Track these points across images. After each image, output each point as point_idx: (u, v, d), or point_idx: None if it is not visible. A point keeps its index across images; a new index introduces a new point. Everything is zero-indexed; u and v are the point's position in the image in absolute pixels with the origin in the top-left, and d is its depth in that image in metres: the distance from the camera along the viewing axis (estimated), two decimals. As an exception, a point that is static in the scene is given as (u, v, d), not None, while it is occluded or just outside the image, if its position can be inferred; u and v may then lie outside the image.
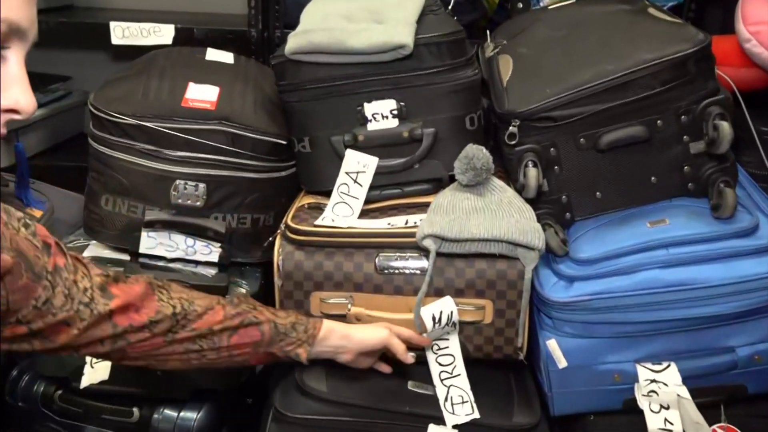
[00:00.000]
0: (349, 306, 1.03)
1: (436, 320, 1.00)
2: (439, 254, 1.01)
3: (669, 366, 1.06)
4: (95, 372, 1.08)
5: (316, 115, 1.10)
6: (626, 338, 1.06)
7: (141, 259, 1.11)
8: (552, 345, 1.07)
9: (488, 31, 1.35)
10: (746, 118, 1.14)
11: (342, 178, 1.10)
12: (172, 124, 1.07)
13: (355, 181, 1.10)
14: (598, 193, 1.10)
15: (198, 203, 1.09)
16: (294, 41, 1.05)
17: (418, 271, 1.03)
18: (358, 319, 1.03)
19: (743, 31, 1.24)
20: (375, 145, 1.10)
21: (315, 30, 1.04)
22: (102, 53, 1.83)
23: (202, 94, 1.10)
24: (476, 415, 1.01)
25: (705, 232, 1.03)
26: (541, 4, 1.46)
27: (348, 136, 1.09)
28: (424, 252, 1.01)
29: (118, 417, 1.15)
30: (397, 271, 1.03)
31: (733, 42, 1.27)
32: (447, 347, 1.05)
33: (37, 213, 1.29)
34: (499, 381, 1.14)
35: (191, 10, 1.76)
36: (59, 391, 1.17)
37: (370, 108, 1.08)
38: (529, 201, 1.07)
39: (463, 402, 1.01)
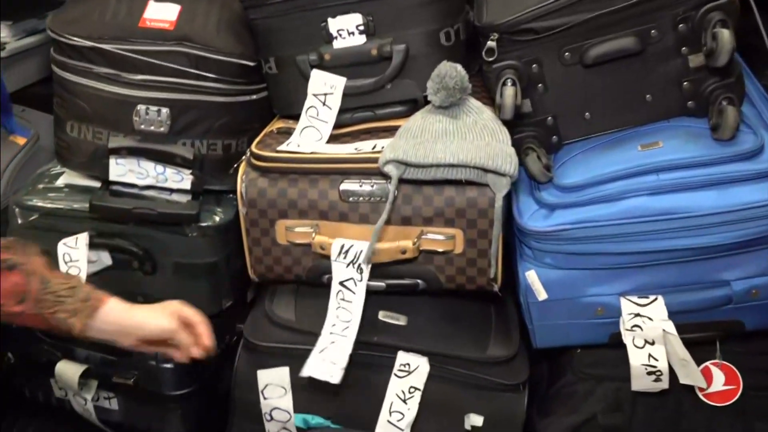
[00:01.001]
0: (314, 235, 1.00)
1: (343, 251, 0.96)
2: (405, 181, 0.95)
3: (655, 300, 1.00)
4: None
5: (280, 33, 1.03)
6: (610, 270, 1.00)
7: (113, 187, 1.10)
8: (531, 276, 1.02)
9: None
10: (758, 23, 1.01)
11: (310, 100, 1.04)
12: (130, 45, 1.02)
13: (324, 104, 1.04)
14: (586, 114, 1.01)
15: (162, 129, 1.06)
16: (252, -47, 0.97)
17: (384, 199, 0.98)
18: (323, 248, 0.99)
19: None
20: (342, 64, 1.03)
21: (272, -61, 0.96)
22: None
23: (161, 14, 1.05)
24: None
25: (700, 156, 0.94)
26: None
27: (313, 55, 1.02)
28: (390, 178, 0.95)
29: (103, 340, 1.17)
30: (362, 199, 0.98)
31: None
32: (351, 302, 0.99)
33: (21, 140, 1.29)
34: (478, 313, 1.10)
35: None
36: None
37: (334, 24, 1.00)
38: (509, 123, 0.99)
39: (332, 363, 0.95)
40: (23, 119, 1.34)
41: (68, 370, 1.17)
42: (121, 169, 1.09)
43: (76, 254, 1.07)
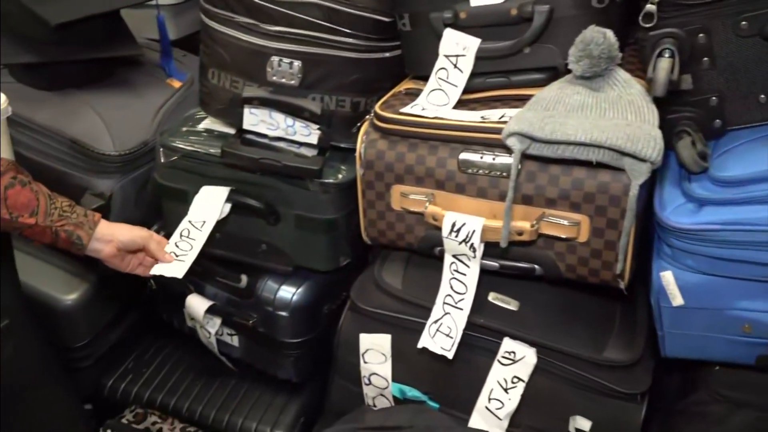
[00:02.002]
0: (427, 204, 0.95)
1: (455, 229, 0.90)
2: (530, 156, 0.87)
3: (819, 325, 0.84)
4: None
5: (416, -11, 0.98)
6: (763, 283, 0.85)
7: (245, 135, 1.13)
8: (667, 278, 0.90)
9: None
10: None
11: (441, 62, 0.98)
12: (269, -5, 1.02)
13: (455, 66, 0.98)
14: (762, 96, 0.86)
15: (293, 81, 1.06)
16: None
17: (505, 174, 0.90)
18: (435, 219, 0.95)
19: None
20: (478, 24, 0.95)
21: None
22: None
23: (300, -36, 1.03)
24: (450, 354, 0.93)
25: None
26: None
27: (448, 13, 0.96)
28: (513, 152, 0.88)
29: (229, 281, 1.24)
30: (481, 171, 0.92)
31: None
32: (465, 274, 0.94)
33: (176, 83, 1.37)
34: (599, 310, 1.00)
35: None
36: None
37: (474, -21, 0.93)
38: (662, 102, 0.86)
39: (447, 335, 0.94)
40: (183, 64, 1.42)
41: (196, 304, 1.24)
42: (253, 119, 1.11)
43: (213, 203, 1.13)
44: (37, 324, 1.06)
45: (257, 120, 1.11)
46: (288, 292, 1.20)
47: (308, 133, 1.10)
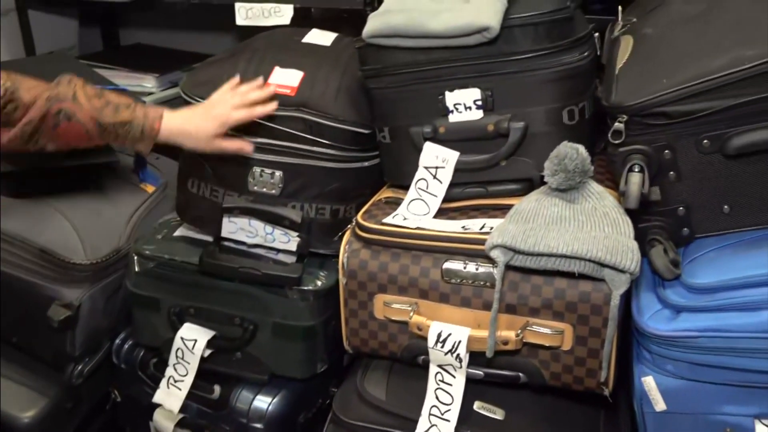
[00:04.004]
0: (412, 314, 0.95)
1: (441, 340, 0.91)
2: (512, 267, 0.89)
3: (799, 428, 0.86)
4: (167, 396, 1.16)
5: (396, 104, 1.02)
6: (743, 387, 0.87)
7: (224, 243, 1.12)
8: (648, 383, 0.91)
9: (620, 7, 1.16)
10: None
11: (420, 172, 1.02)
12: (252, 109, 1.05)
13: (434, 177, 1.01)
14: (725, 207, 0.91)
15: (274, 191, 1.07)
16: (372, 23, 0.97)
17: (488, 283, 0.92)
18: (420, 329, 0.95)
19: None
20: (456, 138, 0.99)
21: (394, 11, 0.96)
22: (232, 33, 1.88)
23: (284, 79, 1.07)
24: None
25: None
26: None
27: (428, 128, 1.00)
28: (496, 264, 0.90)
29: (200, 392, 1.19)
30: (464, 281, 0.93)
31: None
32: (451, 384, 0.94)
33: (150, 188, 1.37)
34: (584, 417, 1.00)
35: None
36: (155, 359, 1.24)
37: (451, 97, 0.98)
38: (633, 211, 0.90)
39: None
40: (156, 168, 1.42)
41: (165, 417, 1.19)
42: (232, 227, 1.11)
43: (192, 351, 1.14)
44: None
45: (236, 228, 1.11)
46: (263, 402, 1.17)
47: (287, 240, 1.11)
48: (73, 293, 1.18)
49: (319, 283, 1.11)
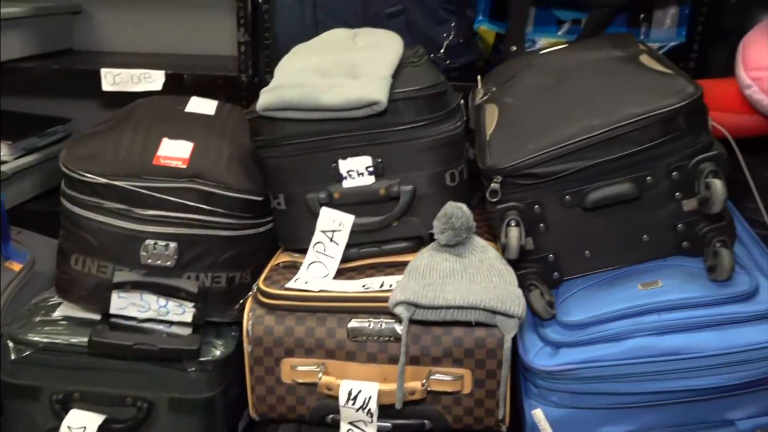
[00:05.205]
0: (320, 375, 0.98)
1: (352, 397, 0.95)
2: (413, 321, 0.96)
3: (663, 440, 0.99)
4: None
5: (291, 172, 1.06)
6: (618, 409, 0.99)
7: (112, 319, 1.08)
8: (538, 415, 1.01)
9: (479, 76, 1.31)
10: (742, 165, 1.08)
11: (317, 236, 1.06)
12: (143, 182, 1.04)
13: (331, 240, 1.06)
14: (586, 252, 1.05)
15: (169, 263, 1.06)
16: (265, 97, 1.02)
17: (392, 338, 0.98)
18: (330, 389, 0.98)
19: (744, 76, 1.18)
20: (351, 202, 1.05)
21: (287, 86, 1.01)
22: (98, 98, 1.83)
23: (174, 151, 1.07)
24: None
25: (699, 296, 0.97)
26: (537, 46, 1.42)
27: (323, 194, 1.05)
28: (399, 318, 0.96)
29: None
30: (370, 338, 0.98)
31: (734, 87, 1.21)
32: None
33: (17, 267, 1.28)
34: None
35: (185, 52, 1.75)
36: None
37: (345, 165, 1.04)
38: (512, 262, 1.01)
39: None
40: (19, 243, 1.33)
41: None
42: (122, 303, 1.07)
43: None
44: None
45: (126, 303, 1.08)
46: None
47: (182, 312, 1.09)
48: (-67, 390, 1.07)
49: (217, 352, 1.10)
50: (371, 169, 1.04)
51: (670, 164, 0.98)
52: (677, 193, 0.99)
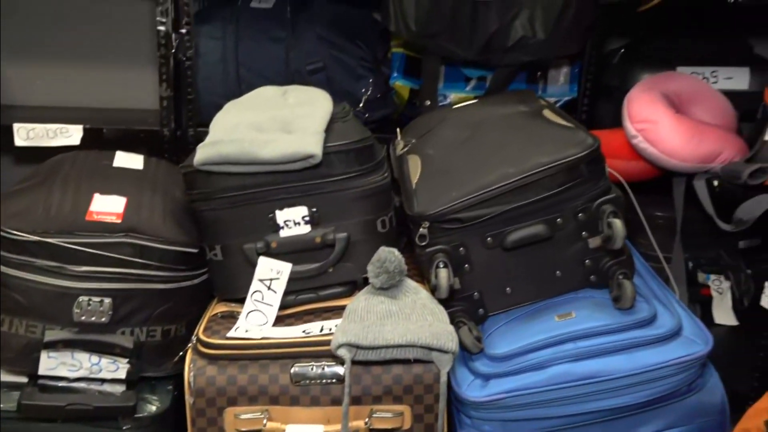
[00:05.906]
0: (265, 422, 1.00)
1: None
2: (354, 362, 1.00)
3: (586, 458, 1.08)
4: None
5: (228, 224, 1.09)
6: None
7: (40, 381, 1.05)
8: (472, 445, 1.07)
9: (398, 129, 1.40)
10: (634, 205, 1.22)
11: (255, 285, 1.09)
12: (77, 238, 1.03)
13: (269, 288, 1.09)
14: (507, 289, 1.14)
15: (103, 319, 1.05)
16: (203, 153, 1.05)
17: (334, 380, 1.01)
18: (275, 435, 1.00)
19: (630, 128, 1.35)
20: (288, 251, 1.09)
21: (224, 141, 1.05)
22: (10, 154, 1.76)
23: (107, 206, 1.08)
24: None
25: (608, 324, 1.07)
26: (448, 100, 1.54)
27: (260, 244, 1.09)
28: (340, 360, 1.00)
29: None
30: (313, 382, 1.01)
31: (623, 137, 1.37)
32: None
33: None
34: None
35: (104, 106, 1.73)
36: None
37: (281, 215, 1.08)
38: (442, 301, 1.09)
39: None
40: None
41: None
42: (52, 363, 1.05)
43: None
44: None
45: (56, 363, 1.05)
46: None
47: (116, 369, 1.08)
48: None
49: (153, 408, 1.09)
50: (307, 218, 1.09)
51: (576, 207, 1.09)
52: (584, 233, 1.11)
